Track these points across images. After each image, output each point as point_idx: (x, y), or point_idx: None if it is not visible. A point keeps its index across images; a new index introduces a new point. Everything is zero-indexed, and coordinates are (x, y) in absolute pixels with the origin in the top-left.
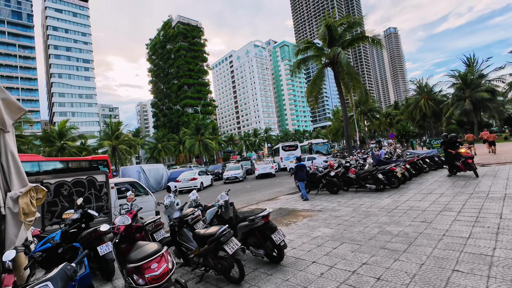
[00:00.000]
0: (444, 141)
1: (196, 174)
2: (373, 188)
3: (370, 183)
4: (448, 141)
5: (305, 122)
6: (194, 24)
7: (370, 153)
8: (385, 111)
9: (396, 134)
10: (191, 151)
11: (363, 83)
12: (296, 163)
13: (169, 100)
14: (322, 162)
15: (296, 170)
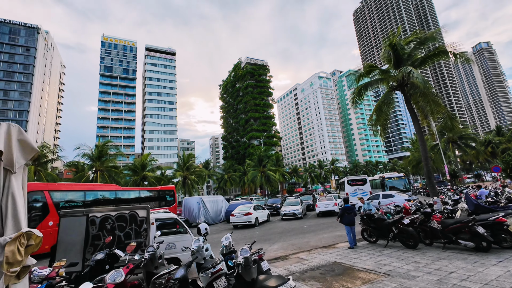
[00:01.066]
0: None
1: (251, 209)
2: (470, 246)
3: (466, 239)
4: None
5: (378, 153)
6: (260, 63)
7: (464, 195)
8: (484, 138)
9: (502, 167)
10: (254, 182)
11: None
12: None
13: (237, 133)
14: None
15: (342, 212)
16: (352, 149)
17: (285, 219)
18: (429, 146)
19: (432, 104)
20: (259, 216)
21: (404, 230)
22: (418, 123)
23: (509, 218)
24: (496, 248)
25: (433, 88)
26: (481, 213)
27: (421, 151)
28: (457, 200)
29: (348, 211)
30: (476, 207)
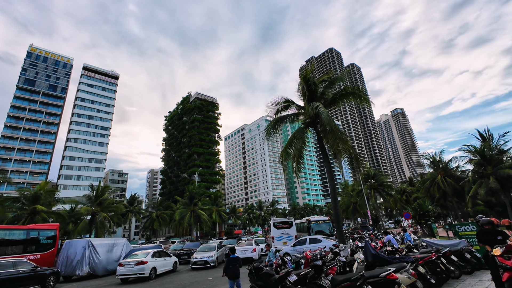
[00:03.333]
0: (479, 232)
1: (147, 256)
2: None
3: None
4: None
5: (316, 196)
6: (210, 99)
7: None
8: (400, 187)
9: (412, 214)
10: (181, 223)
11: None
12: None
13: (177, 168)
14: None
15: (227, 264)
16: (293, 191)
17: (196, 268)
18: (355, 191)
19: (339, 142)
20: (158, 266)
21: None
22: (329, 162)
23: (403, 273)
24: None
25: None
26: (379, 265)
27: (330, 191)
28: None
29: (233, 263)
30: (374, 258)
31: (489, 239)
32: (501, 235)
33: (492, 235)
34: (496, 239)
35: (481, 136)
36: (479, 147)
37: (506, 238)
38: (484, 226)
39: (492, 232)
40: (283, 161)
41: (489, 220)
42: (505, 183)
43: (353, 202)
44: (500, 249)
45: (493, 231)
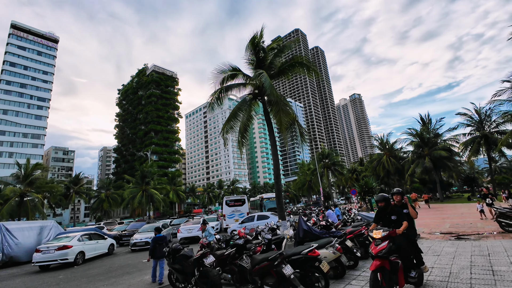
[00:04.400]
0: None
1: (73, 240)
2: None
3: (271, 283)
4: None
5: None
6: (169, 73)
7: (298, 219)
8: (351, 167)
9: (358, 190)
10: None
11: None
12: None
13: (133, 145)
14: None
15: (153, 245)
16: (255, 171)
17: (136, 250)
18: (310, 170)
19: (282, 114)
20: (87, 250)
21: (205, 272)
22: (273, 137)
23: (329, 248)
24: None
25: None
26: (308, 240)
27: (274, 166)
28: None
29: (159, 242)
30: (305, 233)
31: (382, 219)
32: (396, 215)
33: (385, 214)
34: (390, 219)
35: (422, 120)
36: (419, 130)
37: (402, 219)
38: (378, 203)
39: (386, 211)
40: (224, 134)
41: (383, 196)
42: (437, 163)
43: (308, 180)
44: (382, 232)
45: (386, 209)
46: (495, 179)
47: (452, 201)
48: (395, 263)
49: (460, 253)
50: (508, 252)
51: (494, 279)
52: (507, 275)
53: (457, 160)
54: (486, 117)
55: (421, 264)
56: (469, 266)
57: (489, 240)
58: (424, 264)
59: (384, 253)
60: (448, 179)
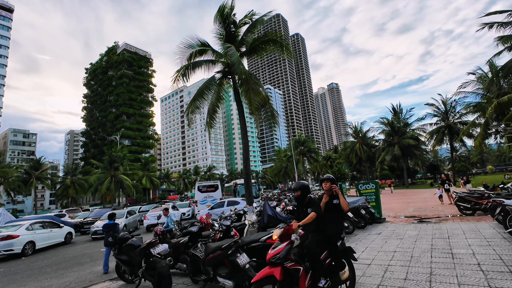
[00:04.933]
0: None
1: (20, 229)
2: (229, 286)
3: (223, 275)
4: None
5: (254, 162)
6: (142, 53)
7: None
8: (326, 154)
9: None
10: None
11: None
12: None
13: (103, 129)
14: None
15: (106, 233)
16: (232, 157)
17: (96, 238)
18: (286, 157)
19: (252, 93)
20: (38, 239)
21: (153, 263)
22: (244, 118)
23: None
24: None
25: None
26: (272, 226)
27: (243, 149)
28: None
29: (106, 230)
30: (269, 219)
31: (298, 211)
32: (312, 207)
33: (302, 206)
34: (306, 212)
35: (393, 110)
36: (391, 119)
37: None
38: (294, 192)
39: (303, 202)
40: (188, 114)
41: (299, 184)
42: (405, 151)
43: (284, 167)
44: (278, 231)
45: (303, 199)
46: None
47: (417, 187)
48: (294, 270)
49: (422, 236)
50: (466, 235)
51: (453, 262)
52: (466, 258)
53: (423, 148)
54: (451, 108)
55: (340, 268)
56: (430, 249)
57: (448, 223)
58: (344, 268)
59: (278, 258)
60: (414, 167)
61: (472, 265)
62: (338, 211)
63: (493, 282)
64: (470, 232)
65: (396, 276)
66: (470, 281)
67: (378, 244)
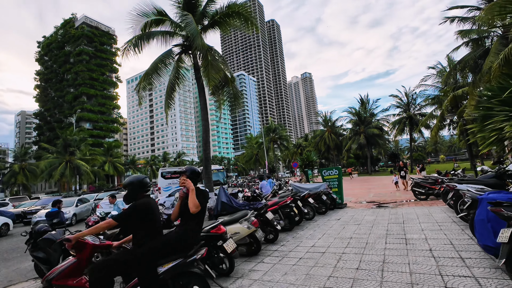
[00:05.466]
0: None
1: None
2: None
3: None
4: None
5: (227, 149)
6: (105, 29)
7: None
8: (297, 142)
9: (299, 163)
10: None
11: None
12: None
13: (60, 111)
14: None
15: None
16: None
17: None
18: (257, 143)
19: (211, 70)
20: None
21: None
22: (204, 98)
23: (243, 222)
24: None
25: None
26: (225, 214)
27: (203, 132)
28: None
29: (49, 218)
30: (223, 206)
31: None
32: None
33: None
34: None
35: (361, 101)
36: (358, 109)
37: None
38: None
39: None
40: (139, 91)
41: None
42: (370, 140)
43: (255, 154)
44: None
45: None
46: (413, 156)
47: (379, 174)
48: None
49: (378, 222)
50: (419, 219)
51: (406, 249)
52: (418, 243)
53: (386, 138)
54: (412, 100)
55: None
56: (385, 235)
57: (404, 207)
58: None
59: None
60: (377, 155)
61: (424, 251)
62: (186, 213)
63: (444, 269)
64: (424, 217)
65: (348, 265)
66: (422, 269)
67: (336, 230)
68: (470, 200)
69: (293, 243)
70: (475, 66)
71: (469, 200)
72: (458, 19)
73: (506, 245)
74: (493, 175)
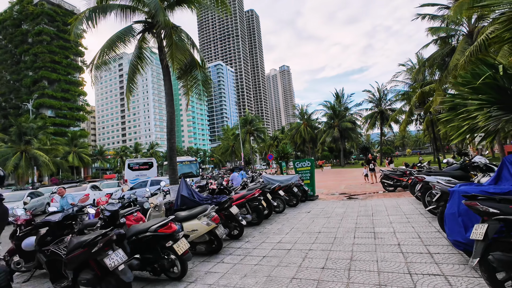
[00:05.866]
0: None
1: None
2: None
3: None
4: None
5: (203, 141)
6: (69, 8)
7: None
8: (274, 135)
9: (275, 155)
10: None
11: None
12: None
13: (16, 96)
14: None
15: None
16: (179, 134)
17: None
18: (233, 135)
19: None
20: None
21: None
22: (170, 81)
23: (202, 218)
24: None
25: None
26: (185, 209)
27: (167, 120)
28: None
29: None
30: (183, 200)
31: None
32: None
33: None
34: None
35: (336, 95)
36: (333, 103)
37: None
38: None
39: None
40: (92, 71)
41: None
42: (343, 133)
43: (231, 146)
44: None
45: None
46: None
47: (351, 167)
48: None
49: (348, 214)
50: (388, 211)
51: (375, 244)
52: (387, 237)
53: (358, 132)
54: (384, 96)
55: None
56: (354, 229)
57: (373, 199)
58: None
59: None
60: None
61: (392, 246)
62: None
63: (412, 267)
64: (392, 209)
65: (314, 264)
66: (390, 267)
67: (305, 224)
68: (440, 193)
69: (259, 239)
70: (442, 63)
71: (438, 192)
72: (429, 16)
73: (480, 243)
74: (458, 167)
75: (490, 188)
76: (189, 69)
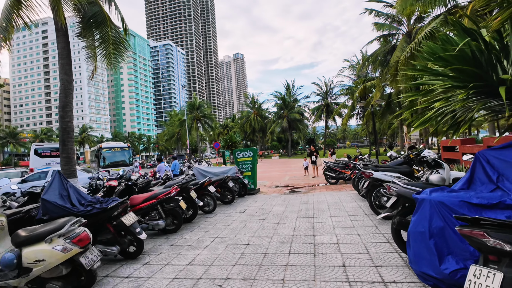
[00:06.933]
0: None
1: None
2: None
3: None
4: None
5: (148, 126)
6: None
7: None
8: (224, 123)
9: (222, 144)
10: None
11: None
12: None
13: None
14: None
15: None
16: (120, 118)
17: None
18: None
19: None
20: None
21: None
22: (66, 39)
23: (54, 241)
24: None
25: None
26: (48, 220)
27: (60, 89)
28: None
29: None
30: (46, 207)
31: None
32: None
33: None
34: None
35: (287, 86)
36: (283, 94)
37: None
38: None
39: None
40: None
41: None
42: (292, 124)
43: (177, 132)
44: None
45: None
46: (326, 141)
47: (297, 157)
48: None
49: (287, 215)
50: (331, 211)
51: (314, 265)
52: (329, 252)
53: (306, 123)
54: (330, 90)
55: None
56: (291, 238)
57: (315, 193)
58: None
59: None
60: (297, 139)
61: (336, 269)
62: None
63: None
64: (334, 207)
65: None
66: None
67: (234, 231)
68: (397, 197)
69: (165, 257)
70: (384, 60)
71: (395, 196)
72: (375, 13)
73: None
74: (402, 161)
75: (471, 197)
76: (94, 24)
